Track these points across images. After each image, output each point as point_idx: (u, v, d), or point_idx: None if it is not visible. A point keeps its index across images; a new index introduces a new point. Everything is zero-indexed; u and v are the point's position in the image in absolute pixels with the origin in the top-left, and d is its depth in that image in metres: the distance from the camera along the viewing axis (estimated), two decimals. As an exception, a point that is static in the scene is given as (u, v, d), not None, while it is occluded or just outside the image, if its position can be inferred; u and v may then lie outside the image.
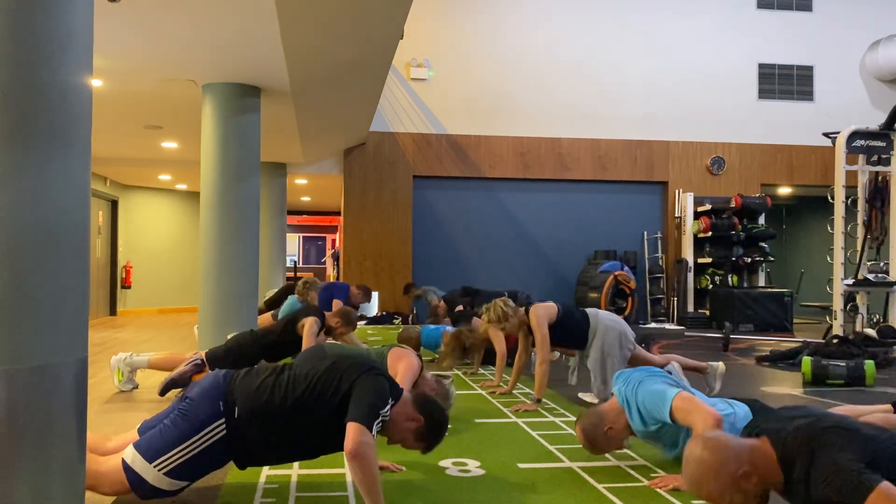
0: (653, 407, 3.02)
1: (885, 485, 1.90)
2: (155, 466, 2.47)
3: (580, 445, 3.35)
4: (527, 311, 4.76)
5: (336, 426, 2.51)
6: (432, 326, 7.05)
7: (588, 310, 4.94)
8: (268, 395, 2.57)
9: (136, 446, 2.52)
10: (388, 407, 2.57)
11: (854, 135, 8.70)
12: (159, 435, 2.52)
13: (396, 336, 6.81)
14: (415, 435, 2.71)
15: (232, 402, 2.57)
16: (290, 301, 7.33)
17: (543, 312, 4.68)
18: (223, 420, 2.54)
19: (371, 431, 2.42)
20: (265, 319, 7.63)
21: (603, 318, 4.82)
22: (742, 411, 3.06)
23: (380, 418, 2.49)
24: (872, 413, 3.24)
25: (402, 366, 3.84)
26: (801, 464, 2.03)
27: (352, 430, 2.40)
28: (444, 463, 3.26)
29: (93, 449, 2.63)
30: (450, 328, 6.77)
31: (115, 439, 2.75)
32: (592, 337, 4.75)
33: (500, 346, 5.52)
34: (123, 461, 2.50)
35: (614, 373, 4.60)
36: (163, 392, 4.51)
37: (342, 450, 2.51)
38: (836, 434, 2.04)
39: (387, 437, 2.76)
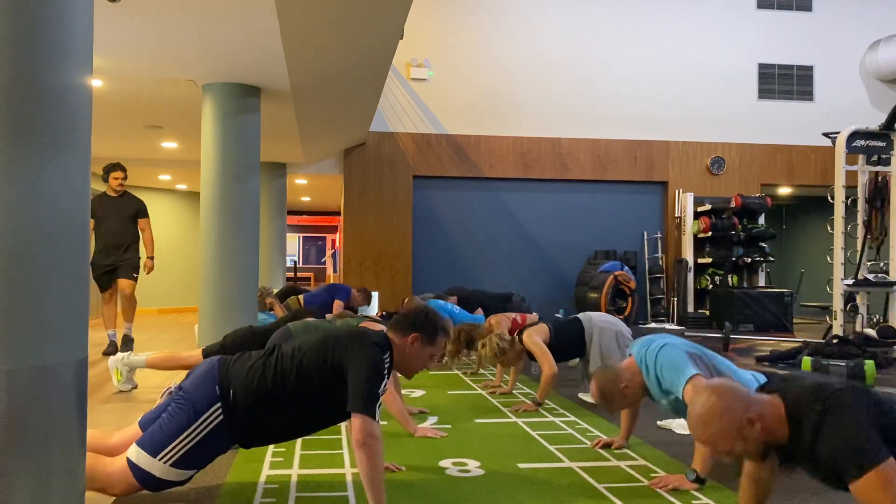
0: (670, 377, 2.99)
1: (887, 466, 1.84)
2: (160, 460, 2.51)
3: (580, 445, 3.35)
4: (520, 339, 4.77)
5: (330, 400, 2.57)
6: (441, 302, 6.99)
7: (580, 315, 4.94)
8: (259, 375, 2.61)
9: (139, 443, 2.55)
10: (385, 376, 2.60)
11: (854, 135, 8.69)
12: (159, 428, 2.55)
13: (403, 304, 6.72)
14: (427, 342, 2.75)
15: (227, 385, 2.60)
16: (260, 318, 6.89)
17: (536, 333, 4.70)
18: (219, 404, 2.57)
19: (375, 417, 2.47)
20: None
21: (597, 321, 4.82)
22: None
23: (379, 398, 2.53)
24: None
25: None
26: (811, 423, 1.97)
27: (357, 421, 2.45)
28: (444, 463, 3.27)
29: (96, 446, 2.66)
30: (456, 308, 6.76)
31: (117, 434, 2.77)
32: (590, 341, 4.76)
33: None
34: (128, 459, 2.53)
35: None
36: None
37: (339, 422, 2.71)
38: (851, 396, 1.97)
39: (407, 376, 2.86)
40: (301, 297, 7.86)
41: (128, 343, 6.94)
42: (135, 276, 7.03)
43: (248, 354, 2.75)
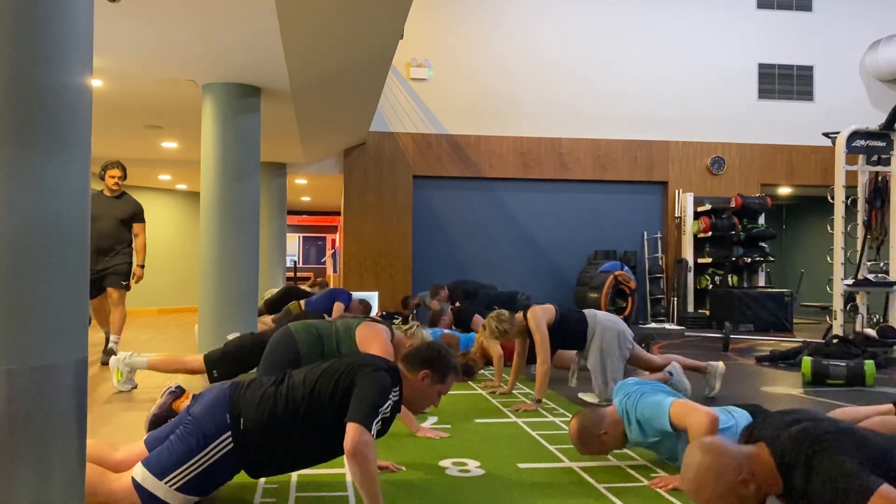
0: (652, 416, 3.06)
1: (885, 488, 1.90)
2: (166, 483, 2.47)
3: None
4: (525, 315, 4.77)
5: (342, 429, 2.51)
6: (430, 330, 7.04)
7: (586, 311, 4.95)
8: (271, 406, 2.57)
9: (146, 464, 2.52)
10: (391, 403, 2.58)
11: (854, 135, 8.69)
12: (167, 451, 2.52)
13: (407, 334, 6.76)
14: (437, 381, 2.76)
15: (238, 414, 2.57)
16: None
17: (542, 314, 4.70)
18: (230, 433, 2.54)
19: (370, 430, 2.43)
20: (264, 321, 7.62)
21: (601, 319, 4.83)
22: (743, 420, 3.06)
23: (380, 416, 2.50)
24: (872, 415, 3.24)
25: (376, 349, 3.89)
26: (801, 470, 2.04)
27: (350, 430, 2.42)
28: (444, 463, 3.26)
29: (101, 460, 2.63)
30: (447, 332, 6.78)
31: (122, 449, 2.74)
32: (591, 337, 4.76)
33: (495, 349, 5.53)
34: (134, 479, 2.50)
35: (614, 372, 4.63)
36: (150, 429, 4.26)
37: None
38: (835, 438, 2.05)
39: (414, 412, 2.88)
40: (302, 303, 7.85)
41: (111, 355, 6.11)
42: (124, 284, 6.52)
43: (260, 381, 2.71)
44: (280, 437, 2.57)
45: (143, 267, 6.70)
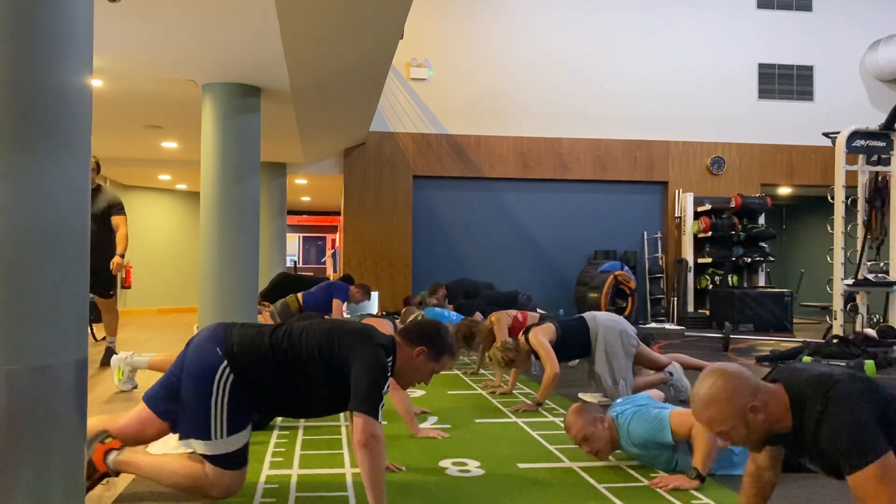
0: (653, 432, 3.07)
1: (887, 460, 1.82)
2: (216, 438, 2.53)
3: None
4: (527, 339, 4.77)
5: (329, 385, 2.60)
6: (439, 310, 7.02)
7: (585, 315, 4.93)
8: (266, 341, 2.64)
9: (191, 436, 2.56)
10: (388, 380, 2.61)
11: (854, 135, 8.69)
12: (192, 415, 2.56)
13: (402, 313, 6.83)
14: (432, 358, 2.76)
15: (231, 344, 2.62)
16: None
17: (543, 333, 4.71)
18: (225, 362, 2.58)
19: (378, 417, 2.46)
20: (263, 313, 7.62)
21: (601, 320, 4.82)
22: None
23: (383, 398, 2.53)
24: None
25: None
26: (813, 413, 1.94)
27: (359, 421, 2.44)
28: (444, 463, 3.27)
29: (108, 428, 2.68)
30: (454, 314, 6.78)
31: (123, 416, 2.76)
32: (594, 340, 4.75)
33: (501, 337, 5.54)
34: (203, 456, 2.55)
35: (623, 371, 4.63)
36: None
37: (335, 413, 2.74)
38: (854, 385, 1.94)
39: (403, 386, 2.90)
40: (300, 295, 7.84)
41: (110, 355, 6.19)
42: (111, 294, 6.33)
43: (255, 324, 2.79)
44: (265, 371, 2.60)
45: (123, 256, 6.18)
